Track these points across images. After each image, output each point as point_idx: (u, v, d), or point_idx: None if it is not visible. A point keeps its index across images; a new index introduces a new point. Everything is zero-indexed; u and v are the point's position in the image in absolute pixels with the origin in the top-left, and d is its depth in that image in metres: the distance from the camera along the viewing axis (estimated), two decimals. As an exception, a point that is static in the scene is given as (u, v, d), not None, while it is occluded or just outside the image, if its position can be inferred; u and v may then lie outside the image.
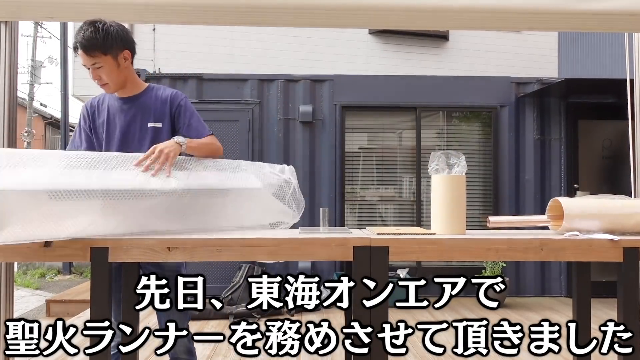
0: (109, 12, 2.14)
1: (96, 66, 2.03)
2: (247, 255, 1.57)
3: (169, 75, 5.74)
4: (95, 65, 2.03)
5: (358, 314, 1.51)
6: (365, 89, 5.78)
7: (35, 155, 1.49)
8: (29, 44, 15.90)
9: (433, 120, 5.96)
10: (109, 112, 2.19)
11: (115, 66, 2.07)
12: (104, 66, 2.04)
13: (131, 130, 2.16)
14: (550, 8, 2.12)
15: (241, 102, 5.65)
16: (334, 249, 1.55)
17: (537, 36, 10.44)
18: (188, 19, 2.33)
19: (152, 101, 2.19)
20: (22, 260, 1.59)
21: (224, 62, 9.24)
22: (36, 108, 18.92)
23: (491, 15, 2.18)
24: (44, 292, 7.61)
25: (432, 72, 9.44)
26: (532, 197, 5.74)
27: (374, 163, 5.95)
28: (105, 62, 2.04)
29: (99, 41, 1.99)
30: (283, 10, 2.15)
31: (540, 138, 5.81)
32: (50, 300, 5.58)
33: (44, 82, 17.62)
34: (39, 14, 2.27)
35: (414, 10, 2.15)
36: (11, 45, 2.30)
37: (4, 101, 2.26)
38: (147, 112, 2.17)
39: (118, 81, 2.12)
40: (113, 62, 2.06)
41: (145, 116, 2.17)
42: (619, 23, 2.23)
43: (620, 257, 1.57)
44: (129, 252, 1.50)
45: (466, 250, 1.58)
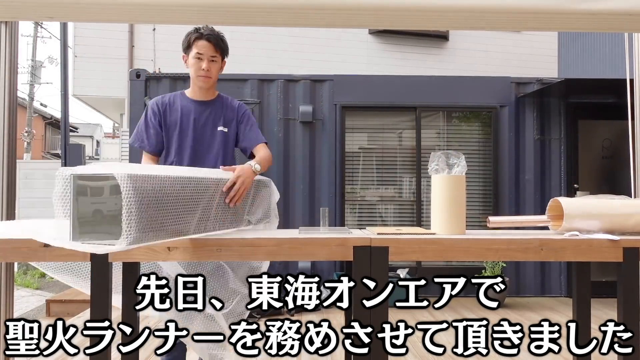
0: (109, 12, 2.15)
1: (213, 59, 2.37)
2: (247, 255, 1.57)
3: (169, 75, 5.74)
4: (213, 58, 2.37)
5: (358, 314, 1.51)
6: (365, 89, 5.78)
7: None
8: (29, 44, 15.94)
9: (433, 120, 5.96)
10: (182, 112, 2.42)
11: (220, 67, 2.43)
12: (217, 62, 2.40)
13: (204, 131, 2.41)
14: (550, 8, 2.12)
15: (241, 102, 5.65)
16: (334, 249, 1.55)
17: (537, 36, 10.44)
18: (188, 20, 2.33)
19: (223, 108, 2.47)
20: (22, 260, 1.59)
21: (224, 62, 9.24)
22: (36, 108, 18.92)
23: (491, 15, 2.18)
24: (44, 292, 7.62)
25: (432, 72, 9.44)
26: (532, 197, 5.74)
27: (374, 163, 5.95)
28: (218, 61, 2.40)
29: (223, 43, 2.41)
30: (283, 10, 2.14)
31: (540, 138, 5.81)
32: (50, 300, 5.58)
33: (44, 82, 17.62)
34: (39, 14, 2.27)
35: (414, 11, 2.15)
36: (11, 45, 2.30)
37: (4, 101, 2.26)
38: (218, 117, 2.44)
39: (215, 79, 2.44)
40: (221, 64, 2.43)
41: (216, 120, 2.43)
42: (618, 23, 2.23)
43: (620, 257, 1.57)
44: (129, 252, 1.50)
45: (466, 250, 1.58)
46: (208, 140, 2.41)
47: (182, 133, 2.39)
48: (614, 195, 1.82)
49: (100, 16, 2.29)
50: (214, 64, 2.37)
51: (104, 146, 25.83)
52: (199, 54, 2.34)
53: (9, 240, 1.50)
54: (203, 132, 2.40)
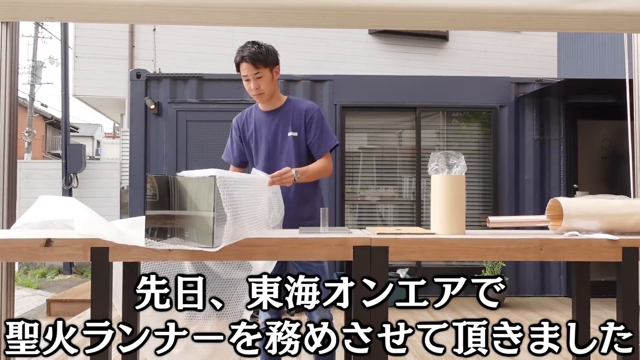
0: (109, 12, 2.15)
1: (257, 76, 2.38)
2: (247, 255, 1.57)
3: (170, 76, 5.74)
4: (257, 74, 2.38)
5: (358, 314, 1.51)
6: (365, 89, 5.78)
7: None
8: (30, 44, 15.93)
9: (433, 120, 5.96)
10: (256, 125, 2.54)
11: (270, 77, 2.43)
12: (264, 76, 2.40)
13: (275, 140, 2.50)
14: (550, 8, 2.12)
15: (241, 102, 5.65)
16: (334, 249, 1.55)
17: (537, 36, 10.44)
18: (188, 20, 2.33)
19: (291, 112, 2.50)
20: (22, 260, 1.59)
21: (224, 62, 9.23)
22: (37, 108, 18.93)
23: (491, 16, 2.18)
24: (45, 292, 7.62)
25: (432, 72, 9.44)
26: (531, 197, 5.75)
27: (374, 163, 5.95)
28: (265, 74, 2.40)
29: (263, 55, 2.38)
30: (283, 10, 2.15)
31: (540, 138, 5.81)
32: (51, 300, 5.58)
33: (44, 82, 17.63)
34: (40, 14, 2.27)
35: (414, 11, 2.15)
36: (12, 45, 2.30)
37: (5, 101, 2.27)
38: (287, 123, 2.49)
39: (270, 90, 2.45)
40: (269, 74, 2.42)
41: (285, 126, 2.49)
42: (618, 23, 2.23)
43: (620, 257, 1.58)
44: (129, 252, 1.50)
45: (466, 250, 1.58)
46: (280, 146, 2.49)
47: (257, 144, 2.53)
48: (613, 196, 1.83)
49: (100, 16, 2.29)
50: (261, 80, 2.40)
51: (105, 146, 25.82)
52: (244, 76, 2.41)
53: (9, 240, 1.50)
54: (275, 140, 2.49)
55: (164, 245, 1.45)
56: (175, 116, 5.65)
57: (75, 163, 8.84)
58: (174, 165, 5.60)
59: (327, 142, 2.51)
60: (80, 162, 8.89)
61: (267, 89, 2.43)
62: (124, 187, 9.15)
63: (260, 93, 2.42)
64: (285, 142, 2.48)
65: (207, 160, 5.61)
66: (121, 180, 9.25)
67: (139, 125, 5.68)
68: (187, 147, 5.62)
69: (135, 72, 5.76)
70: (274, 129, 2.49)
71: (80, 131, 25.13)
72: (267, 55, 2.40)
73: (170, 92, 5.68)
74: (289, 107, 2.52)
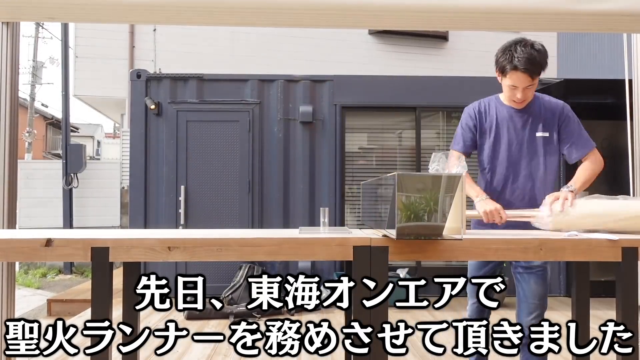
0: (109, 12, 2.15)
1: (529, 87, 2.13)
2: (247, 255, 1.57)
3: (170, 76, 5.74)
4: (529, 86, 2.13)
5: (358, 314, 1.51)
6: (365, 89, 5.78)
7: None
8: (30, 44, 15.92)
9: (433, 120, 5.96)
10: (497, 119, 2.29)
11: (536, 85, 2.17)
12: (533, 86, 2.15)
13: (519, 139, 2.25)
14: (550, 8, 2.12)
15: (241, 102, 5.66)
16: (334, 249, 1.55)
17: (537, 36, 10.43)
18: (188, 20, 2.33)
19: (541, 111, 2.25)
20: (23, 260, 1.59)
21: (225, 62, 9.25)
22: (37, 108, 18.93)
23: (490, 16, 2.18)
24: (45, 292, 7.62)
25: (432, 73, 9.44)
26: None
27: (374, 163, 5.95)
28: (535, 83, 2.15)
29: (540, 64, 2.09)
30: (283, 10, 2.15)
31: (540, 138, 5.81)
32: (52, 299, 5.59)
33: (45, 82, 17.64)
34: (40, 14, 2.27)
35: (414, 11, 2.15)
36: (12, 45, 2.30)
37: (6, 101, 2.27)
38: (535, 122, 2.23)
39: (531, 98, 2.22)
40: (537, 82, 2.16)
41: (533, 126, 2.24)
42: (618, 24, 2.23)
43: (619, 257, 1.58)
44: (129, 252, 1.50)
45: (466, 250, 1.58)
46: (526, 146, 2.25)
47: (497, 139, 2.29)
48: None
49: (101, 16, 2.29)
50: (529, 90, 2.17)
51: (105, 146, 25.84)
52: (513, 86, 2.16)
53: (10, 240, 1.51)
54: (518, 138, 2.25)
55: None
56: (176, 116, 5.65)
57: (76, 163, 8.84)
58: (174, 165, 5.60)
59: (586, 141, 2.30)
60: (81, 162, 8.89)
61: (530, 98, 2.24)
62: (124, 187, 9.15)
63: (522, 101, 2.21)
64: (532, 142, 2.25)
65: (207, 160, 5.62)
66: (121, 180, 9.25)
67: (139, 125, 5.68)
68: (187, 147, 5.62)
69: (136, 72, 5.76)
70: (519, 127, 2.25)
71: (81, 131, 25.14)
72: (543, 62, 2.12)
73: (170, 92, 5.68)
74: (539, 104, 2.27)
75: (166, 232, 1.71)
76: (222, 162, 5.61)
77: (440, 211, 1.43)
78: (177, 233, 1.72)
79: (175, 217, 5.57)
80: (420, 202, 1.42)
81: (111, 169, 9.47)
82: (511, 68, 2.12)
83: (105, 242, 1.50)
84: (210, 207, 5.59)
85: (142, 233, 1.69)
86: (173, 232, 1.75)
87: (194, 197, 5.60)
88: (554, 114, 2.25)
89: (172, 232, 1.75)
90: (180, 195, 5.57)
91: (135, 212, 5.62)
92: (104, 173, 9.36)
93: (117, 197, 9.25)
